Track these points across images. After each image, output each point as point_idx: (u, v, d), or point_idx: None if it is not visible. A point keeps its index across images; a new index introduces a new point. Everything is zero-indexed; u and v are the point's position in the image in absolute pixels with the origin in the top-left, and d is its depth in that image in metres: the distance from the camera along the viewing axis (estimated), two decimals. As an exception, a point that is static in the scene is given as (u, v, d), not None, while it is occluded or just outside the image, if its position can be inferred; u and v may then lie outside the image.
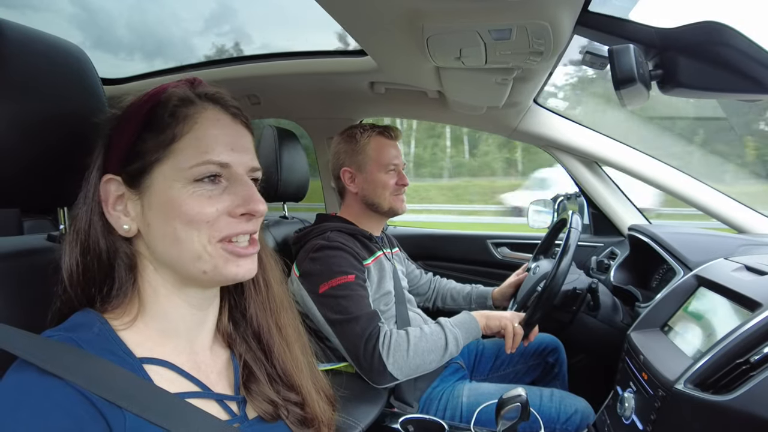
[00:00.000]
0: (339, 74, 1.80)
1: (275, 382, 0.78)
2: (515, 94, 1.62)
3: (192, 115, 0.66)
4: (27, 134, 0.72)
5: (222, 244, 0.66)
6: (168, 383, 0.64)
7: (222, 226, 0.66)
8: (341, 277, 1.36)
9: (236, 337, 0.78)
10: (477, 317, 1.42)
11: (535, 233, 2.35)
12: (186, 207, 0.64)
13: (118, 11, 22.46)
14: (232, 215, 0.66)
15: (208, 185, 0.65)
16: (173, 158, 0.64)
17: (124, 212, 0.66)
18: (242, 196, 0.67)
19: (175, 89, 0.68)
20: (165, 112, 0.66)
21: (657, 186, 1.90)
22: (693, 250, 1.47)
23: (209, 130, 0.67)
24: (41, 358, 0.55)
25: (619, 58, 0.89)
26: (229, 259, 0.67)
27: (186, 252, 0.65)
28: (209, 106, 0.69)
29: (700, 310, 1.20)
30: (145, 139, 0.65)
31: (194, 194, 0.64)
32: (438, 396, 1.49)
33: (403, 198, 1.63)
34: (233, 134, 0.69)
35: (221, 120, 0.69)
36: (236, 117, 0.71)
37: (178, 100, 0.67)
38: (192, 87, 0.70)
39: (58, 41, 0.80)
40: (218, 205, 0.65)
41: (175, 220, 0.64)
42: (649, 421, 1.03)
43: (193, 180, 0.64)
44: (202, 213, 0.64)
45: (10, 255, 0.76)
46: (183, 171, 0.64)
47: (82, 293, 0.66)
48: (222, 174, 0.67)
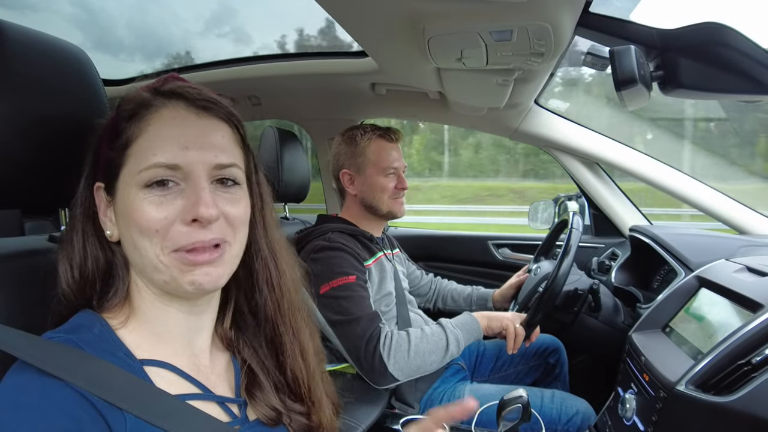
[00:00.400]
0: (340, 75, 1.80)
1: (281, 392, 0.76)
2: (516, 95, 1.62)
3: (145, 116, 0.63)
4: (28, 135, 0.72)
5: (176, 254, 0.62)
6: (168, 385, 0.64)
7: (175, 235, 0.61)
8: (342, 277, 1.36)
9: (240, 342, 0.77)
10: (478, 318, 1.42)
11: (536, 234, 2.35)
12: (136, 214, 0.60)
13: (118, 12, 22.43)
14: (184, 222, 0.61)
15: (158, 191, 0.61)
16: (129, 163, 0.62)
17: (109, 218, 0.66)
18: (191, 200, 0.61)
19: (134, 93, 0.66)
20: (122, 116, 0.64)
21: (657, 186, 1.90)
22: (694, 251, 1.47)
23: (161, 130, 0.62)
24: (41, 360, 0.54)
25: (620, 59, 0.89)
26: (183, 268, 0.62)
27: (144, 261, 0.62)
28: (169, 103, 0.64)
29: (701, 311, 1.20)
30: (113, 145, 0.64)
31: (145, 200, 0.61)
32: (439, 397, 1.49)
33: (402, 201, 1.62)
34: (192, 132, 0.63)
35: (178, 117, 0.64)
36: (206, 110, 0.66)
37: (133, 104, 0.64)
38: (159, 86, 0.67)
39: (59, 42, 0.80)
40: (167, 212, 0.61)
41: (131, 227, 0.61)
42: (651, 423, 1.02)
43: (143, 185, 0.61)
44: (151, 220, 0.60)
45: (12, 256, 0.75)
46: (135, 176, 0.61)
47: (80, 294, 0.66)
48: (174, 177, 0.62)
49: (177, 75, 0.70)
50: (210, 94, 0.67)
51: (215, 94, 0.69)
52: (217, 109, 0.67)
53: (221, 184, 0.66)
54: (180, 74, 0.71)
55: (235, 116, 0.69)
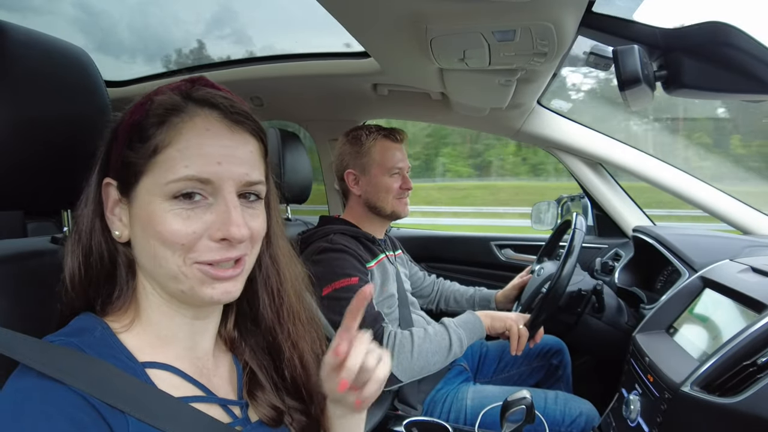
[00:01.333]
0: (342, 76, 1.80)
1: (281, 390, 0.76)
2: (519, 95, 1.61)
3: (177, 124, 0.61)
4: (31, 137, 0.72)
5: (199, 266, 0.61)
6: (171, 388, 0.64)
7: (201, 249, 0.60)
8: (344, 279, 1.36)
9: (242, 344, 0.77)
10: (482, 317, 1.41)
11: (539, 235, 2.35)
12: (161, 226, 0.59)
13: (119, 14, 22.43)
14: (212, 239, 0.60)
15: (186, 203, 0.60)
16: (155, 171, 0.60)
17: (118, 217, 0.65)
18: (221, 218, 0.60)
19: (164, 95, 0.63)
20: (151, 120, 0.61)
21: (661, 187, 1.90)
22: (698, 252, 1.46)
23: (193, 140, 0.60)
24: (42, 363, 0.54)
25: (624, 58, 0.88)
26: (204, 281, 0.62)
27: (163, 270, 0.61)
28: (202, 113, 0.62)
29: (705, 312, 1.19)
30: (134, 148, 0.61)
31: (171, 212, 0.59)
32: (442, 398, 1.49)
33: (407, 202, 1.62)
34: (225, 144, 0.62)
35: (212, 129, 0.62)
36: (238, 124, 0.64)
37: (164, 108, 0.62)
38: (189, 89, 0.64)
39: (61, 43, 0.80)
40: (195, 227, 0.60)
41: (152, 237, 0.60)
42: (655, 424, 1.02)
43: (171, 196, 0.59)
44: (176, 234, 0.59)
45: (15, 257, 0.75)
46: (161, 186, 0.59)
47: (84, 295, 0.65)
48: (203, 191, 0.60)
49: (207, 78, 0.68)
50: (242, 106, 0.66)
51: (244, 103, 0.67)
52: (248, 124, 0.65)
53: (244, 198, 0.65)
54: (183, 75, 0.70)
55: (263, 130, 0.68)
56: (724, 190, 1.83)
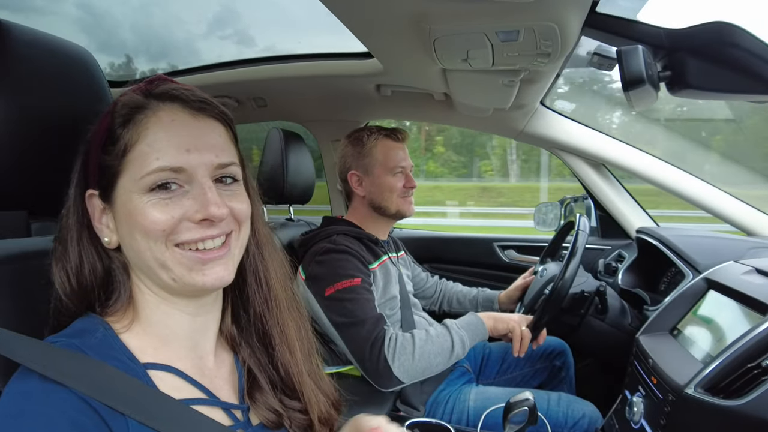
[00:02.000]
0: (345, 77, 1.80)
1: (278, 390, 0.77)
2: (522, 95, 1.61)
3: (141, 120, 0.63)
4: (34, 136, 0.73)
5: (181, 250, 0.63)
6: (173, 390, 0.64)
7: (181, 230, 0.62)
8: (347, 280, 1.36)
9: (240, 341, 0.77)
10: (484, 318, 1.41)
11: (542, 236, 2.34)
12: (141, 217, 0.61)
13: (122, 14, 22.54)
14: (191, 221, 0.62)
15: (162, 193, 0.62)
16: (129, 169, 0.62)
17: (106, 225, 0.65)
18: (199, 201, 0.62)
19: (125, 97, 0.65)
20: (117, 121, 0.63)
21: (665, 188, 1.89)
22: (702, 253, 1.45)
23: (160, 133, 0.62)
24: (44, 365, 0.54)
25: (628, 59, 0.88)
26: (192, 266, 0.63)
27: (150, 261, 0.63)
28: (164, 106, 0.64)
29: (709, 314, 1.19)
30: (107, 151, 0.63)
31: (149, 203, 0.61)
32: (444, 399, 1.48)
33: (411, 200, 1.63)
34: (192, 133, 0.64)
35: (177, 119, 0.64)
36: (201, 111, 0.66)
37: (128, 108, 0.63)
38: (149, 88, 0.66)
39: (65, 43, 0.81)
40: (173, 212, 0.62)
41: (135, 231, 0.62)
42: (659, 426, 1.02)
43: (147, 190, 0.61)
44: (157, 222, 0.61)
45: (19, 256, 0.76)
46: (137, 181, 0.61)
47: (80, 303, 0.65)
48: (178, 180, 0.62)
49: (164, 76, 0.69)
50: (202, 94, 0.68)
51: (205, 94, 0.69)
52: (210, 109, 0.67)
53: (221, 182, 0.67)
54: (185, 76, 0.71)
55: (227, 114, 0.70)
56: (729, 192, 1.82)
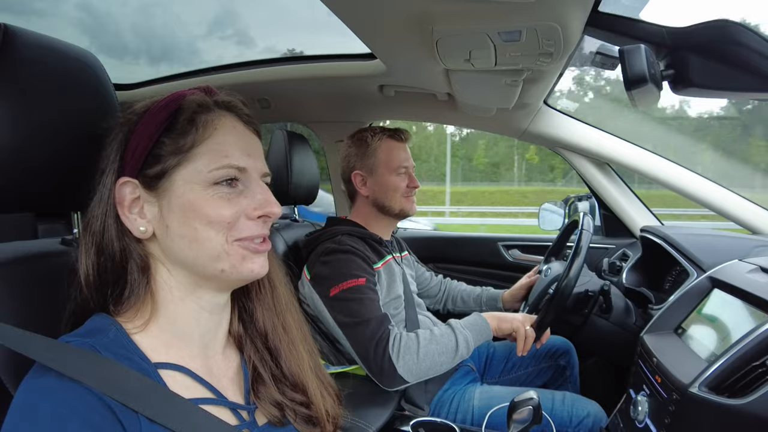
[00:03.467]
0: (348, 78, 1.81)
1: (280, 382, 0.78)
2: (525, 95, 1.61)
3: (211, 121, 0.69)
4: (41, 139, 0.73)
5: (239, 243, 0.68)
6: (183, 389, 0.65)
7: (240, 227, 0.68)
8: (352, 280, 1.37)
9: (246, 339, 0.79)
10: (488, 319, 1.41)
11: (546, 235, 2.34)
12: (206, 208, 0.65)
13: (122, 16, 22.71)
14: (249, 217, 0.69)
15: (226, 188, 0.67)
16: (193, 162, 0.66)
17: (140, 214, 0.67)
18: (259, 199, 0.69)
19: (194, 96, 0.70)
20: (184, 117, 0.68)
21: (669, 187, 1.88)
22: (706, 252, 1.45)
23: (227, 136, 0.69)
24: (60, 363, 0.55)
25: (630, 58, 0.88)
26: (245, 256, 0.69)
27: (205, 251, 0.66)
28: (225, 114, 0.71)
29: (714, 313, 1.19)
30: (164, 143, 0.66)
31: (214, 196, 0.66)
32: (449, 399, 1.49)
33: (413, 200, 1.63)
34: (248, 141, 0.72)
35: (237, 127, 0.72)
36: (248, 124, 0.74)
37: (197, 107, 0.69)
38: (208, 95, 0.72)
39: (71, 47, 0.81)
40: (236, 207, 0.67)
41: (195, 220, 0.66)
42: (663, 425, 1.01)
43: (212, 183, 0.66)
44: (222, 214, 0.66)
45: (26, 258, 0.76)
46: (202, 174, 0.66)
47: (97, 295, 0.67)
48: (239, 178, 0.69)
49: (212, 87, 0.76)
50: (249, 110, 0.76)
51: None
52: (254, 124, 0.76)
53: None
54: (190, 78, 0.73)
55: (260, 132, 0.78)
56: (733, 190, 1.82)
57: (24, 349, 0.57)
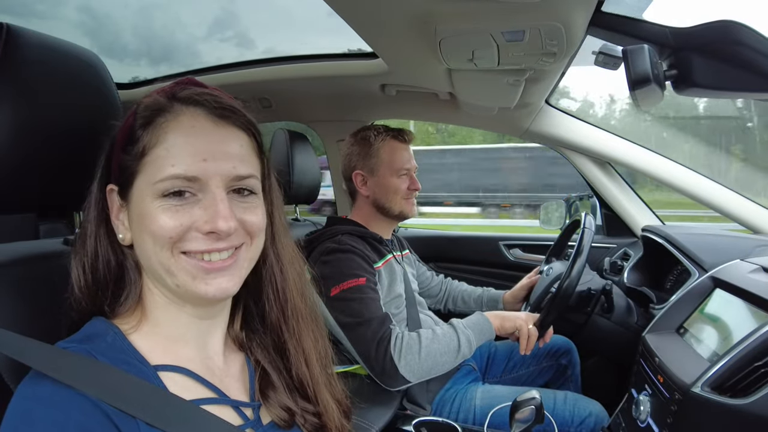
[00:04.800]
0: (350, 77, 1.80)
1: (293, 392, 0.76)
2: (527, 95, 1.61)
3: (162, 124, 0.62)
4: (43, 139, 0.73)
5: (186, 257, 0.62)
6: (183, 390, 0.64)
7: (188, 239, 0.62)
8: (352, 280, 1.36)
9: (252, 343, 0.77)
10: (491, 318, 1.41)
11: (548, 234, 2.34)
12: (150, 221, 0.61)
13: (123, 17, 22.68)
14: (199, 230, 0.61)
15: (174, 200, 0.61)
16: (146, 171, 0.62)
17: (122, 222, 0.66)
18: (209, 212, 0.61)
19: (149, 98, 0.65)
20: (138, 122, 0.63)
21: (671, 186, 1.89)
22: (708, 252, 1.45)
23: (179, 139, 0.61)
24: (56, 370, 0.54)
25: (634, 58, 0.88)
26: (195, 275, 0.62)
27: (157, 265, 0.62)
28: (187, 111, 0.63)
29: (716, 312, 1.19)
30: (127, 150, 0.63)
31: (160, 208, 0.60)
32: (451, 398, 1.49)
33: (414, 202, 1.63)
34: (211, 140, 0.63)
35: (197, 125, 0.63)
36: (224, 119, 0.65)
37: (150, 110, 0.63)
38: (175, 90, 0.65)
39: (73, 47, 0.81)
40: (182, 220, 0.61)
41: (144, 232, 0.62)
42: (666, 425, 1.02)
43: (160, 195, 0.60)
44: (164, 228, 0.60)
45: (28, 259, 0.76)
46: (151, 185, 0.61)
47: (92, 299, 0.66)
48: (191, 188, 0.61)
49: (194, 79, 0.68)
50: (228, 101, 0.66)
51: (232, 99, 0.68)
52: (235, 117, 0.66)
53: (238, 193, 0.66)
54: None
55: (253, 124, 0.69)
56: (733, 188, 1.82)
57: (21, 356, 0.56)
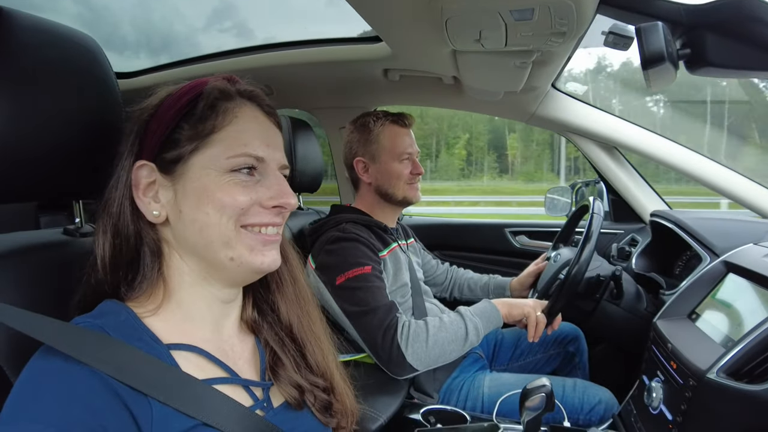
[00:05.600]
0: (352, 62, 1.78)
1: (302, 368, 0.78)
2: (533, 78, 1.58)
3: (232, 109, 0.69)
4: (41, 127, 0.71)
5: (248, 230, 0.68)
6: (196, 369, 0.65)
7: (252, 213, 0.68)
8: (357, 268, 1.35)
9: (263, 325, 0.79)
10: (498, 305, 1.39)
11: (554, 221, 2.32)
12: (221, 193, 0.65)
13: (121, 9, 22.56)
14: (263, 206, 0.69)
15: (243, 176, 0.67)
16: (211, 148, 0.67)
17: (154, 198, 0.68)
18: (275, 190, 0.69)
19: (216, 83, 0.70)
20: (205, 104, 0.67)
21: (680, 171, 1.86)
22: (720, 236, 1.43)
23: (247, 124, 0.69)
24: (67, 345, 0.55)
25: (647, 36, 0.85)
26: (254, 247, 0.68)
27: (214, 237, 0.66)
28: (247, 103, 0.71)
29: (729, 298, 1.17)
30: (183, 128, 0.67)
31: (230, 182, 0.66)
32: (458, 386, 1.48)
33: (417, 187, 1.61)
34: (268, 131, 0.72)
35: (258, 117, 0.72)
36: (270, 115, 0.74)
37: (218, 93, 0.69)
38: (231, 83, 0.72)
39: (70, 31, 0.78)
40: (252, 195, 0.67)
41: (208, 205, 0.65)
42: (679, 412, 1.00)
43: (229, 170, 0.66)
44: (236, 200, 0.66)
45: (29, 249, 0.75)
46: (220, 161, 0.66)
47: (111, 277, 0.67)
48: (257, 167, 0.69)
49: (236, 77, 0.75)
50: (269, 100, 0.76)
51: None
52: (275, 116, 0.76)
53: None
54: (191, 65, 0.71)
55: (280, 123, 0.78)
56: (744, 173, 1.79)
57: (32, 331, 0.56)
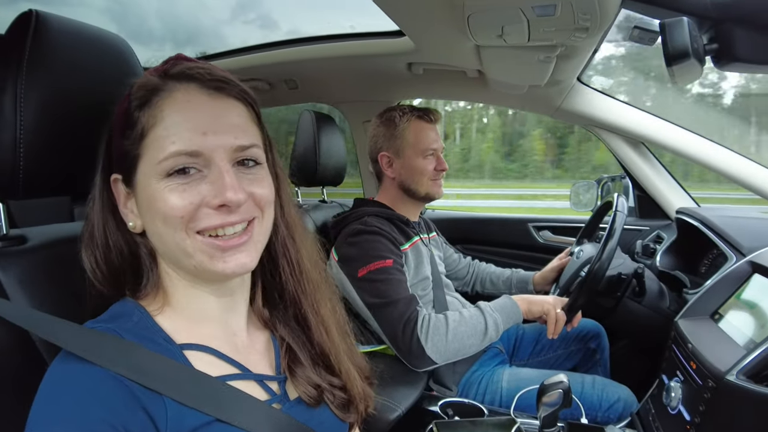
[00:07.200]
0: (376, 56, 1.78)
1: (318, 366, 0.77)
2: (558, 72, 1.56)
3: (157, 103, 0.61)
4: (77, 125, 0.74)
5: (202, 237, 0.61)
6: (209, 367, 0.64)
7: (201, 217, 0.61)
8: (379, 261, 1.36)
9: (276, 320, 0.78)
10: (518, 302, 1.40)
11: (579, 216, 2.30)
12: (160, 203, 0.60)
13: (148, 2, 23.04)
14: (210, 206, 0.61)
15: (180, 179, 0.60)
16: (147, 153, 0.61)
17: (130, 210, 0.65)
18: (218, 185, 0.60)
19: (142, 78, 0.64)
20: (134, 104, 0.62)
21: (709, 167, 1.81)
22: (747, 235, 1.40)
23: (176, 115, 0.60)
24: (83, 349, 0.56)
25: (672, 32, 0.84)
26: (213, 254, 0.62)
27: (172, 247, 0.62)
28: (181, 87, 0.62)
29: (753, 299, 1.15)
30: (126, 135, 0.62)
31: (166, 189, 0.60)
32: (477, 380, 1.48)
33: (441, 183, 1.61)
34: (208, 113, 0.62)
35: (193, 100, 0.62)
36: (219, 90, 0.64)
37: (143, 90, 0.62)
38: (165, 68, 0.64)
39: (102, 33, 0.82)
40: (191, 198, 0.60)
41: (156, 216, 0.61)
42: (698, 413, 0.99)
43: (165, 175, 0.60)
44: (174, 208, 0.59)
45: (63, 241, 0.79)
46: (155, 166, 0.60)
47: (111, 287, 0.67)
48: (195, 164, 0.60)
49: (183, 56, 0.67)
50: (220, 72, 0.65)
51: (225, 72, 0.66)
52: (229, 88, 0.65)
53: (243, 165, 0.65)
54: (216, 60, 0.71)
55: (249, 94, 0.67)
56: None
57: (50, 336, 0.57)
